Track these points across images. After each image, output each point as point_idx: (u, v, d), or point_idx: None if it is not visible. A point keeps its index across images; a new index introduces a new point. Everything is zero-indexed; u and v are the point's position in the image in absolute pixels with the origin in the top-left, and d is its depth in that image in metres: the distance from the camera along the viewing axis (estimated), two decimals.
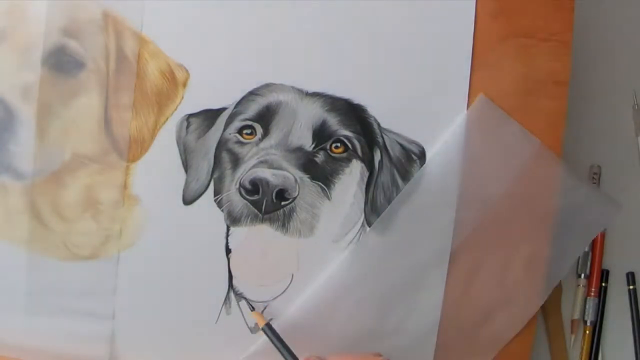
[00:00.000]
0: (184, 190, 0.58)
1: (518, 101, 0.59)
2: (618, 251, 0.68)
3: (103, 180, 0.57)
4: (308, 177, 0.58)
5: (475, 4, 0.59)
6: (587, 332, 0.67)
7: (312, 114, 0.58)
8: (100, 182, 0.57)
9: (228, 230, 0.58)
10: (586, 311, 0.67)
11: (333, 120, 0.58)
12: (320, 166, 0.58)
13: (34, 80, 0.56)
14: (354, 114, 0.58)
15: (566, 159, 0.61)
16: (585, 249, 0.67)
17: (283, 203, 0.58)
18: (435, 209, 0.59)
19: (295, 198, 0.58)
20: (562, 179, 0.61)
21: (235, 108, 0.58)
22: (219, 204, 0.58)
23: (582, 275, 0.67)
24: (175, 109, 0.57)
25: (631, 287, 0.67)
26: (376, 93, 0.58)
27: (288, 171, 0.57)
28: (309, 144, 0.58)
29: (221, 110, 0.58)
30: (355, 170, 0.59)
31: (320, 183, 0.58)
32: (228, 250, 0.58)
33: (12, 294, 0.57)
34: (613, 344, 0.67)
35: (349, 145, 0.59)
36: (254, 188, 0.57)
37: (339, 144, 0.59)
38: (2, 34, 0.56)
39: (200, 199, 0.58)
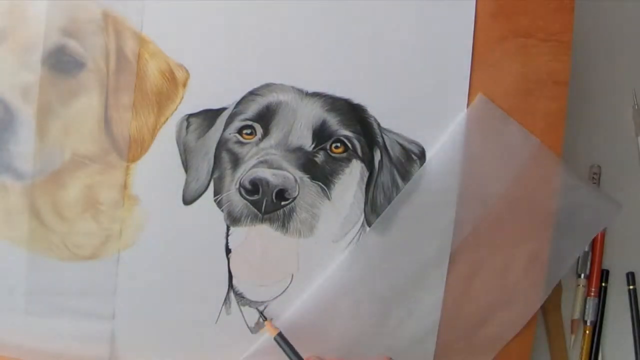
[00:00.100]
0: (184, 190, 0.58)
1: (518, 101, 0.59)
2: (618, 251, 0.68)
3: (103, 180, 0.57)
4: (308, 177, 0.58)
5: (475, 4, 0.59)
6: (587, 332, 0.67)
7: (312, 114, 0.58)
8: (100, 182, 0.57)
9: (228, 230, 0.58)
10: (586, 311, 0.67)
11: (333, 120, 0.58)
12: (320, 166, 0.58)
13: (34, 80, 0.56)
14: (354, 114, 0.58)
15: (566, 159, 0.61)
16: (585, 249, 0.67)
17: (283, 203, 0.58)
18: (435, 209, 0.59)
19: (295, 198, 0.58)
20: (562, 179, 0.61)
21: (235, 108, 0.58)
22: (219, 204, 0.58)
23: (582, 275, 0.67)
24: (175, 109, 0.57)
25: (631, 287, 0.67)
26: (376, 93, 0.58)
27: (288, 171, 0.57)
28: (309, 144, 0.58)
29: (221, 110, 0.58)
30: (355, 170, 0.59)
31: (320, 183, 0.58)
32: (228, 250, 0.58)
33: (12, 294, 0.58)
34: (613, 344, 0.67)
35: (349, 145, 0.59)
36: (254, 188, 0.57)
37: (339, 144, 0.59)
38: (2, 34, 0.56)
39: (200, 199, 0.58)
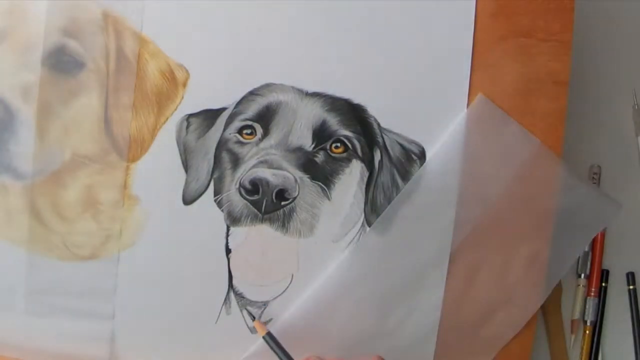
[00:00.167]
0: (184, 190, 0.58)
1: (518, 101, 0.59)
2: (618, 251, 0.68)
3: (103, 180, 0.57)
4: (308, 177, 0.58)
5: (475, 4, 0.59)
6: (587, 332, 0.67)
7: (312, 114, 0.58)
8: (100, 182, 0.57)
9: (228, 230, 0.58)
10: (586, 311, 0.67)
11: (333, 120, 0.58)
12: (320, 166, 0.58)
13: (34, 80, 0.56)
14: (354, 114, 0.58)
15: (566, 159, 0.61)
16: (585, 249, 0.67)
17: (283, 203, 0.58)
18: (435, 209, 0.59)
19: (295, 198, 0.58)
20: (562, 179, 0.61)
21: (235, 108, 0.58)
22: (219, 204, 0.58)
23: (582, 275, 0.67)
24: (175, 109, 0.57)
25: (631, 287, 0.67)
26: (376, 93, 0.58)
27: (288, 171, 0.57)
28: (309, 144, 0.58)
29: (221, 110, 0.58)
30: (355, 170, 0.59)
31: (320, 183, 0.58)
32: (228, 250, 0.58)
33: (12, 294, 0.57)
34: (613, 344, 0.67)
35: (349, 145, 0.59)
36: (254, 188, 0.57)
37: (339, 144, 0.59)
38: (2, 34, 0.56)
39: (200, 199, 0.58)
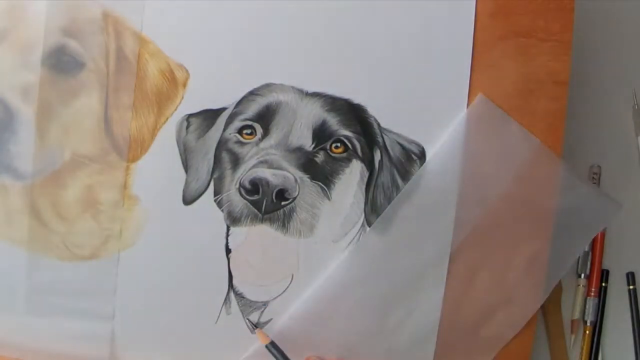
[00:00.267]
0: (184, 190, 0.58)
1: (518, 101, 0.59)
2: (618, 251, 0.68)
3: (103, 180, 0.57)
4: (308, 177, 0.58)
5: (475, 4, 0.59)
6: (587, 332, 0.67)
7: (312, 114, 0.58)
8: (100, 182, 0.57)
9: (228, 230, 0.58)
10: (586, 311, 0.67)
11: (333, 120, 0.58)
12: (320, 166, 0.58)
13: (34, 80, 0.56)
14: (354, 114, 0.58)
15: (566, 159, 0.61)
16: (585, 249, 0.67)
17: (283, 203, 0.58)
18: (435, 209, 0.59)
19: (295, 198, 0.58)
20: (562, 179, 0.61)
21: (235, 108, 0.58)
22: (219, 204, 0.58)
23: (582, 275, 0.67)
24: (175, 109, 0.57)
25: (631, 287, 0.67)
26: (376, 93, 0.58)
27: (288, 171, 0.57)
28: (309, 144, 0.58)
29: (221, 110, 0.58)
30: (355, 170, 0.59)
31: (320, 183, 0.58)
32: (228, 250, 0.58)
33: (12, 294, 0.58)
34: (613, 344, 0.67)
35: (349, 145, 0.59)
36: (254, 188, 0.57)
37: (339, 144, 0.59)
38: (2, 34, 0.56)
39: (200, 199, 0.58)
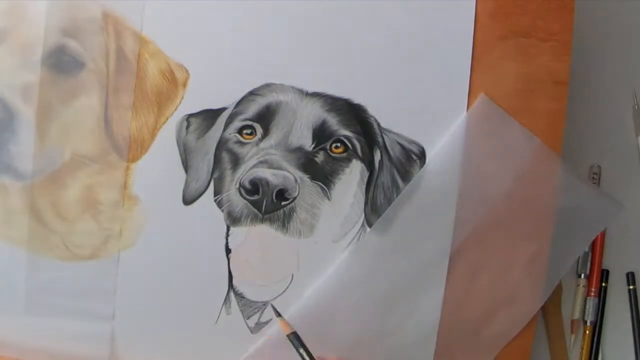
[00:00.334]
0: (184, 190, 0.58)
1: (518, 101, 0.59)
2: (618, 251, 0.68)
3: (103, 180, 0.57)
4: (308, 177, 0.58)
5: (475, 4, 0.59)
6: (587, 332, 0.67)
7: (312, 114, 0.58)
8: (100, 182, 0.57)
9: (228, 230, 0.58)
10: (586, 311, 0.67)
11: (333, 120, 0.58)
12: (320, 166, 0.58)
13: (34, 80, 0.56)
14: (354, 114, 0.58)
15: (566, 159, 0.61)
16: (585, 249, 0.67)
17: (283, 203, 0.58)
18: (436, 209, 0.59)
19: (295, 198, 0.58)
20: (562, 179, 0.61)
21: (235, 108, 0.58)
22: (219, 204, 0.58)
23: (582, 275, 0.67)
24: (175, 109, 0.57)
25: (631, 287, 0.67)
26: (376, 93, 0.58)
27: (288, 171, 0.57)
28: (309, 144, 0.58)
29: (221, 110, 0.58)
30: (355, 170, 0.59)
31: (320, 183, 0.58)
32: (228, 250, 0.58)
33: (12, 294, 0.57)
34: (613, 344, 0.67)
35: (349, 145, 0.59)
36: (254, 188, 0.57)
37: (339, 144, 0.59)
38: (2, 34, 0.56)
39: (200, 199, 0.58)
